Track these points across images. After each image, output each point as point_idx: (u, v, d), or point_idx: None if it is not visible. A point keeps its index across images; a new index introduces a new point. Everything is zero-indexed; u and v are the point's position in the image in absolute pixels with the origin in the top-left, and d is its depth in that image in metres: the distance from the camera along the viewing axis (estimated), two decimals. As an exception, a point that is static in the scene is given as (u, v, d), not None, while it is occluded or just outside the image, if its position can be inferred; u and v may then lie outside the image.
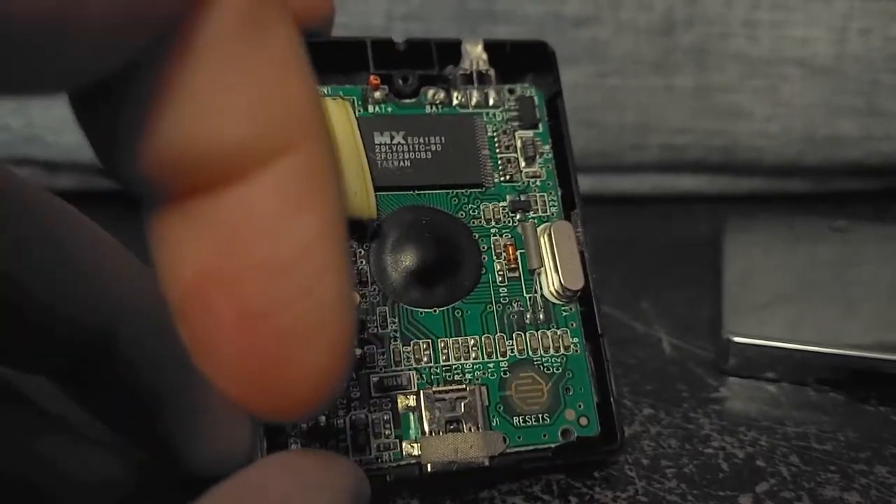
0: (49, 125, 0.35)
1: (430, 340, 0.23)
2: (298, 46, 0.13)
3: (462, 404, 0.22)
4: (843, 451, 0.25)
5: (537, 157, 0.25)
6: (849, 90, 0.36)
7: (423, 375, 0.22)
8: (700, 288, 0.32)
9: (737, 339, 0.28)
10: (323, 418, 0.21)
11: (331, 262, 0.13)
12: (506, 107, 0.25)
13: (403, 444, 0.21)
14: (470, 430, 0.22)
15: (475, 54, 0.25)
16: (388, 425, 0.22)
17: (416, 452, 0.21)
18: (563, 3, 0.34)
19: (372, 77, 0.24)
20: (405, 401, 0.22)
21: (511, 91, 0.26)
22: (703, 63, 0.36)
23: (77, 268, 0.20)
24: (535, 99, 0.26)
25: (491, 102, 0.25)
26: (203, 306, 0.13)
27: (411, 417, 0.22)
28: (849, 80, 0.36)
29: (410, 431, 0.22)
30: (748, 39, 0.35)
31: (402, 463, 0.21)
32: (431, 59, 0.25)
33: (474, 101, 0.25)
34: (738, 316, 0.29)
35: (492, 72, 0.25)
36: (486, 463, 0.21)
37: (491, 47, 0.25)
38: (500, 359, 0.23)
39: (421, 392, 0.22)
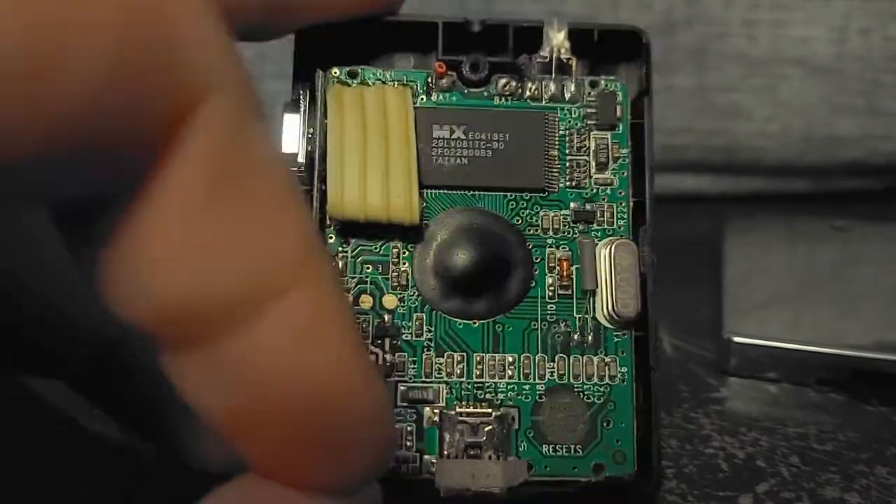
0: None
1: (465, 354, 0.21)
2: (287, 184, 0.13)
3: (485, 430, 0.21)
4: (844, 451, 0.25)
5: (611, 162, 0.22)
6: (849, 90, 0.36)
7: (454, 390, 0.21)
8: (700, 288, 0.32)
9: (737, 339, 0.28)
10: None
11: (359, 380, 0.13)
12: (584, 102, 0.23)
13: (424, 458, 0.21)
14: (490, 458, 0.20)
15: (557, 41, 0.22)
16: (410, 437, 0.21)
17: (434, 469, 0.20)
18: (563, 2, 0.34)
19: (437, 65, 0.22)
20: (432, 415, 0.21)
21: (593, 84, 0.23)
22: (702, 63, 0.36)
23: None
24: (619, 95, 0.23)
25: (567, 96, 0.23)
26: (241, 441, 0.13)
27: (436, 432, 0.21)
28: (849, 79, 0.36)
29: (434, 446, 0.21)
30: (748, 39, 0.35)
31: (420, 478, 0.20)
32: (506, 43, 0.22)
33: (549, 93, 0.23)
34: (738, 316, 0.29)
35: (573, 61, 0.23)
36: (504, 494, 0.20)
37: (575, 34, 0.23)
38: (538, 381, 0.21)
39: (443, 413, 0.21)
